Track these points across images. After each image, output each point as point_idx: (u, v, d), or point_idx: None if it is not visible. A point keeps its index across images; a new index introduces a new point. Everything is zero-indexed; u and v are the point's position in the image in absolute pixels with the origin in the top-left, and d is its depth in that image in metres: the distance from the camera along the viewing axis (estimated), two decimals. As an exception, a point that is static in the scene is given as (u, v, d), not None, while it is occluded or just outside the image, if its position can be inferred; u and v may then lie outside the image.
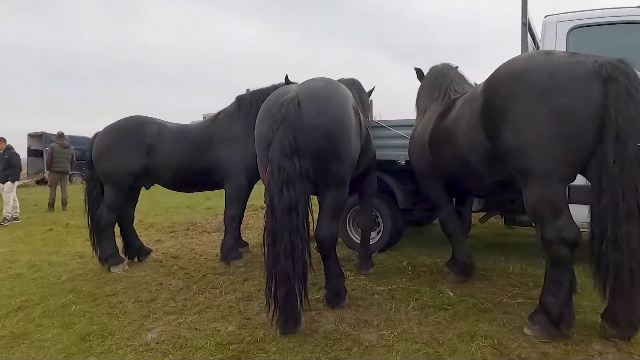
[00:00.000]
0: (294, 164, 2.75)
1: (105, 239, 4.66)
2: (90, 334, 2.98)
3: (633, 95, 2.41)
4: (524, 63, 2.75)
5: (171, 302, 3.57)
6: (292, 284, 2.71)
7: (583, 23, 3.96)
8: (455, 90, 3.78)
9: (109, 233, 4.69)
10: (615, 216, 2.40)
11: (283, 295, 2.73)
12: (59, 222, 8.18)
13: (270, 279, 2.77)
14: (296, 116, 2.82)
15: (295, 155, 2.76)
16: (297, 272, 2.72)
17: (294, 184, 2.73)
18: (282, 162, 2.75)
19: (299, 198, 2.75)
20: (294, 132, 2.78)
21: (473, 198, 4.36)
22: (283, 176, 2.74)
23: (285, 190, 2.73)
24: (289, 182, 2.73)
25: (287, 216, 2.72)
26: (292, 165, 2.75)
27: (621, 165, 2.38)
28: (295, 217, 2.73)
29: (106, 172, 4.59)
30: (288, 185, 2.73)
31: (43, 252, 5.58)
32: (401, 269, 4.36)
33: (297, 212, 2.74)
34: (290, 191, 2.73)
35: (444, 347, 2.60)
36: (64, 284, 4.20)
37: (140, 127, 4.68)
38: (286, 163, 2.74)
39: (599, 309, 2.82)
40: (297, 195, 2.73)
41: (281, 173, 2.74)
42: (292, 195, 2.72)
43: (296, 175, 2.75)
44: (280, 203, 2.72)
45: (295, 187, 2.74)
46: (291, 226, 2.72)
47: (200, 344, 2.78)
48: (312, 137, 2.86)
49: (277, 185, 2.74)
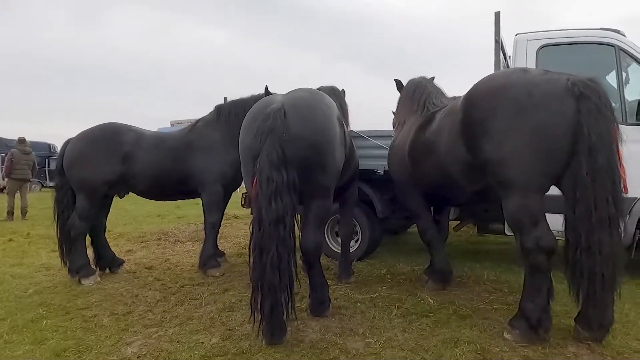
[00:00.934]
0: (282, 175, 2.75)
1: (76, 250, 4.45)
2: (65, 350, 2.84)
3: (603, 112, 2.58)
4: (503, 79, 2.88)
5: (149, 315, 3.46)
6: (279, 296, 2.70)
7: (551, 42, 4.21)
8: (434, 103, 3.91)
9: (80, 243, 4.49)
10: (588, 225, 2.54)
11: (269, 307, 2.71)
12: (19, 232, 7.76)
13: (256, 290, 2.75)
14: (283, 127, 2.83)
15: (282, 167, 2.77)
16: (283, 283, 2.72)
17: (281, 196, 2.73)
18: (271, 173, 2.74)
19: (287, 209, 2.75)
20: (281, 143, 2.79)
21: (450, 207, 4.50)
22: (272, 187, 2.73)
23: (274, 202, 2.72)
24: (277, 194, 2.73)
25: (275, 228, 2.71)
26: (280, 176, 2.74)
27: (593, 177, 2.53)
28: (282, 229, 2.73)
29: (79, 180, 4.41)
30: (276, 197, 2.72)
31: (4, 264, 5.27)
32: (380, 277, 4.43)
33: (284, 223, 2.74)
34: (278, 203, 2.72)
35: (429, 354, 2.66)
36: (31, 297, 3.98)
37: (116, 134, 4.54)
38: (274, 174, 2.74)
39: (571, 313, 2.97)
40: (284, 206, 2.73)
41: (270, 184, 2.73)
42: (280, 207, 2.72)
43: (284, 187, 2.75)
44: (268, 215, 2.71)
45: (283, 199, 2.74)
46: (278, 238, 2.71)
47: (184, 357, 2.71)
48: (297, 148, 2.87)
49: (266, 197, 2.73)
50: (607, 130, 2.57)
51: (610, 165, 2.55)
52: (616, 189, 2.57)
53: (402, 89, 4.58)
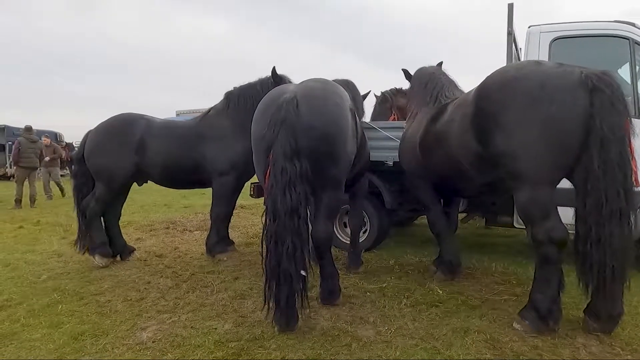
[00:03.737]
0: (295, 166, 2.78)
1: (94, 230, 4.64)
2: (82, 334, 2.90)
3: (616, 105, 2.57)
4: (516, 72, 2.88)
5: (162, 301, 3.52)
6: (295, 285, 2.75)
7: (565, 34, 4.18)
8: (446, 95, 3.90)
9: (97, 223, 4.67)
10: (599, 217, 2.56)
11: (285, 296, 2.76)
12: (28, 220, 7.85)
13: (272, 279, 2.79)
14: (295, 117, 2.85)
15: (295, 157, 2.79)
16: (299, 273, 2.76)
17: (295, 186, 2.76)
18: (285, 164, 2.76)
19: (300, 200, 2.78)
20: (294, 134, 2.81)
21: (460, 199, 4.51)
22: (285, 178, 2.75)
23: (288, 192, 2.75)
24: (291, 185, 2.75)
25: (289, 219, 2.75)
26: (293, 167, 2.77)
27: (605, 170, 2.54)
28: (296, 219, 2.76)
29: (98, 169, 4.59)
30: (290, 188, 2.75)
31: (17, 251, 5.35)
32: (389, 267, 4.47)
33: (299, 214, 2.77)
34: (293, 193, 2.75)
35: (440, 342, 2.70)
36: (45, 282, 4.06)
37: (130, 124, 4.66)
38: (288, 165, 2.76)
39: (580, 305, 3.00)
40: (298, 197, 2.76)
41: (284, 175, 2.76)
42: (294, 198, 2.75)
43: (297, 177, 2.77)
44: (283, 205, 2.74)
45: (297, 189, 2.76)
46: (293, 228, 2.75)
47: (199, 342, 2.77)
48: (309, 138, 2.88)
49: (280, 188, 2.76)
50: (620, 123, 2.57)
51: (622, 158, 2.55)
52: (627, 182, 2.58)
53: (411, 78, 4.57)
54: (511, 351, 2.58)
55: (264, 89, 4.55)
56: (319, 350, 2.63)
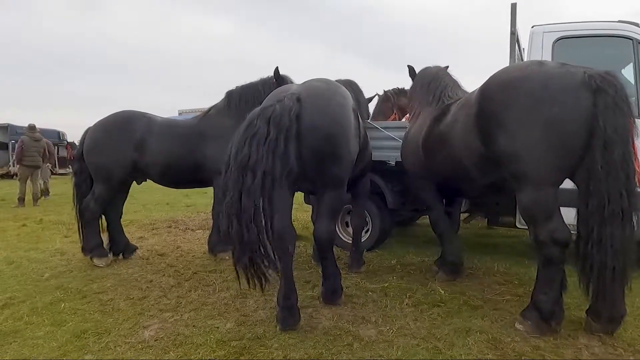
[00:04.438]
0: (268, 130, 2.66)
1: (90, 231, 4.62)
2: (84, 332, 2.91)
3: (620, 106, 2.56)
4: (519, 72, 2.87)
5: (164, 300, 3.53)
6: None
7: (568, 34, 4.17)
8: (449, 95, 3.89)
9: (94, 225, 4.64)
10: (601, 219, 2.55)
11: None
12: (31, 218, 7.89)
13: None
14: (292, 104, 2.80)
15: (274, 127, 2.68)
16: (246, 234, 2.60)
17: (258, 145, 2.63)
18: (255, 121, 2.70)
19: (260, 161, 2.61)
20: (282, 112, 2.74)
21: (462, 199, 4.51)
22: (250, 132, 2.68)
23: (247, 145, 2.64)
24: (253, 140, 2.65)
25: (240, 174, 2.61)
26: (264, 128, 2.67)
27: (607, 171, 2.53)
28: (250, 177, 2.59)
29: (96, 166, 4.55)
30: (252, 142, 2.64)
31: (20, 249, 5.38)
32: (391, 267, 4.47)
33: (255, 174, 2.60)
34: (252, 148, 2.63)
35: (442, 342, 2.70)
36: (48, 281, 4.07)
37: (130, 121, 4.63)
38: (259, 123, 2.68)
39: (582, 306, 2.99)
40: (258, 157, 2.61)
41: (249, 129, 2.70)
42: (253, 154, 2.61)
43: (263, 139, 2.64)
44: (237, 157, 2.65)
45: (259, 149, 2.62)
46: (243, 186, 2.60)
47: (201, 340, 2.77)
48: (311, 137, 2.88)
49: (240, 140, 2.69)
50: (623, 124, 2.56)
51: (625, 159, 2.55)
52: (630, 183, 2.56)
53: (414, 76, 4.56)
54: (513, 351, 2.57)
55: (265, 88, 4.56)
56: (321, 350, 2.63)
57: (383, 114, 6.21)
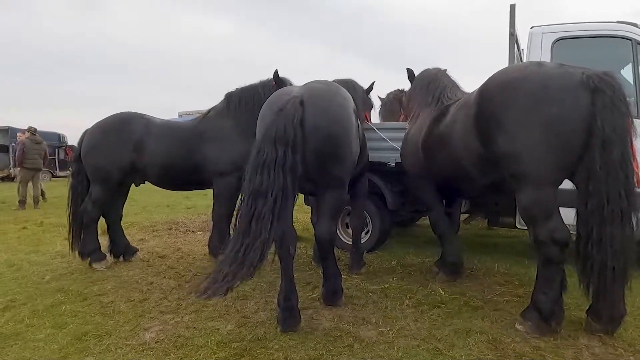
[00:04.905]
0: (276, 152, 2.67)
1: (88, 235, 4.60)
2: (85, 334, 2.92)
3: (618, 106, 2.57)
4: (518, 73, 2.88)
5: (165, 302, 3.54)
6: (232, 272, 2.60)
7: (567, 35, 4.18)
8: (448, 96, 3.90)
9: (92, 229, 4.63)
10: (600, 219, 2.56)
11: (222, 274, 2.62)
12: (32, 220, 7.90)
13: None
14: (294, 111, 2.80)
15: (281, 145, 2.70)
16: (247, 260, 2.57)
17: (269, 171, 2.64)
18: (263, 146, 2.71)
19: (272, 187, 2.62)
20: (285, 122, 2.75)
21: (462, 200, 4.51)
22: (260, 159, 2.68)
23: (259, 174, 2.64)
24: (264, 167, 2.66)
25: (253, 201, 2.62)
26: (272, 152, 2.67)
27: (607, 171, 2.54)
28: (261, 205, 2.60)
29: (93, 168, 4.53)
30: (263, 170, 2.65)
31: (20, 251, 5.38)
32: (391, 268, 4.47)
33: (266, 200, 2.60)
34: (264, 176, 2.63)
35: (442, 343, 2.70)
36: (48, 283, 4.08)
37: (128, 122, 4.61)
38: (267, 148, 2.69)
39: (582, 306, 3.00)
40: (270, 182, 2.62)
41: (259, 156, 2.69)
42: (265, 181, 2.62)
43: (273, 163, 2.65)
44: (249, 186, 2.65)
45: (270, 175, 2.64)
46: (254, 213, 2.60)
47: (201, 342, 2.78)
48: (314, 138, 2.88)
49: (252, 167, 2.69)
50: (621, 124, 2.57)
51: (624, 159, 2.56)
52: (629, 183, 2.57)
53: (413, 79, 4.57)
54: (513, 352, 2.58)
55: (265, 90, 4.56)
56: (321, 351, 2.63)
57: (393, 114, 6.16)
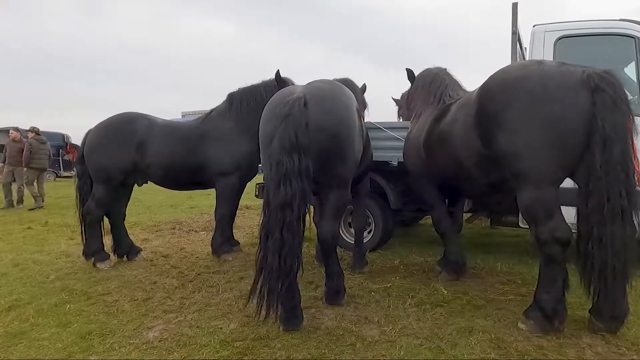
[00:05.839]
0: (293, 161, 2.74)
1: (92, 235, 4.63)
2: (89, 333, 2.94)
3: (618, 105, 2.57)
4: (518, 71, 2.88)
5: (168, 301, 3.55)
6: (278, 282, 2.69)
7: (570, 33, 4.17)
8: (450, 95, 3.90)
9: (96, 229, 4.66)
10: (600, 218, 2.55)
11: (266, 291, 2.72)
12: (37, 220, 7.94)
13: (258, 273, 2.77)
14: (300, 114, 2.83)
15: (295, 152, 2.76)
16: (284, 270, 2.69)
17: (291, 181, 2.72)
18: (281, 158, 2.75)
19: (295, 195, 2.72)
20: (296, 129, 2.79)
21: (465, 199, 4.51)
22: (281, 172, 2.73)
23: (282, 186, 2.72)
24: (286, 178, 2.72)
25: (281, 212, 2.71)
26: (290, 161, 2.74)
27: (607, 170, 2.53)
28: (289, 214, 2.71)
29: (96, 168, 4.56)
30: (285, 181, 2.72)
31: (26, 251, 5.42)
32: (394, 267, 4.48)
33: (292, 209, 2.72)
34: (287, 187, 2.71)
35: (444, 342, 2.71)
36: (53, 283, 4.11)
37: (130, 122, 4.65)
38: (285, 159, 2.75)
39: (585, 305, 2.99)
40: (293, 192, 2.72)
41: (279, 168, 2.74)
42: (289, 192, 2.71)
43: (294, 172, 2.73)
44: (276, 198, 2.72)
45: (292, 184, 2.72)
46: (284, 222, 2.70)
47: (204, 341, 2.79)
48: (317, 138, 2.89)
49: (275, 180, 2.75)
50: (622, 123, 2.56)
51: (625, 158, 2.55)
52: (630, 182, 2.57)
53: (413, 79, 4.57)
54: (516, 351, 2.58)
55: (267, 91, 4.58)
56: (324, 350, 2.64)
57: None
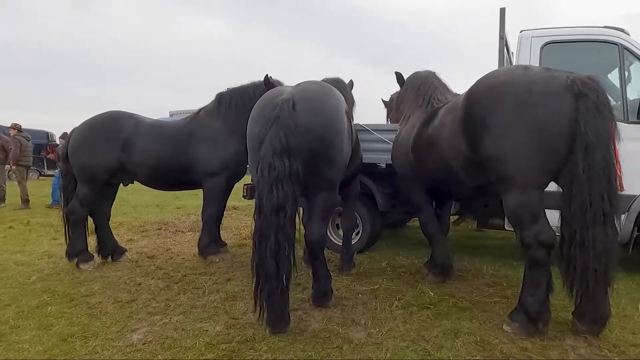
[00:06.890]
0: (284, 164, 2.76)
1: (76, 235, 4.55)
2: (71, 335, 2.89)
3: (601, 110, 2.61)
4: (504, 76, 2.91)
5: (153, 303, 3.50)
6: (276, 284, 2.74)
7: (555, 39, 4.23)
8: (439, 99, 3.92)
9: (80, 229, 4.58)
10: (583, 221, 2.59)
11: (267, 295, 2.77)
12: (19, 220, 7.77)
13: (256, 277, 2.80)
14: (289, 117, 2.84)
15: (285, 155, 2.78)
16: (280, 272, 2.75)
17: (283, 184, 2.75)
18: (273, 161, 2.76)
19: (287, 198, 2.76)
20: (286, 131, 2.80)
21: (452, 202, 4.54)
22: (273, 175, 2.75)
23: (275, 189, 2.74)
24: (278, 182, 2.74)
25: (275, 216, 2.74)
26: (282, 164, 2.76)
27: (589, 174, 2.57)
28: (282, 217, 2.75)
29: (80, 167, 4.47)
30: (277, 185, 2.74)
31: (6, 251, 5.30)
32: (381, 269, 4.49)
33: (285, 212, 2.76)
34: (279, 191, 2.74)
35: (430, 344, 2.72)
36: (34, 284, 4.02)
37: (116, 121, 4.58)
38: (277, 162, 2.76)
39: (569, 308, 3.03)
40: (285, 195, 2.75)
41: (271, 172, 2.75)
42: (281, 195, 2.74)
43: (286, 175, 2.76)
44: (269, 202, 2.74)
45: (284, 187, 2.75)
46: (278, 226, 2.74)
47: (189, 344, 2.76)
48: (306, 139, 2.89)
49: (267, 184, 2.76)
50: (604, 128, 2.61)
51: (607, 163, 2.59)
52: (612, 186, 2.61)
53: (402, 82, 4.59)
54: (501, 353, 2.60)
55: (256, 92, 4.56)
56: (310, 352, 2.63)
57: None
